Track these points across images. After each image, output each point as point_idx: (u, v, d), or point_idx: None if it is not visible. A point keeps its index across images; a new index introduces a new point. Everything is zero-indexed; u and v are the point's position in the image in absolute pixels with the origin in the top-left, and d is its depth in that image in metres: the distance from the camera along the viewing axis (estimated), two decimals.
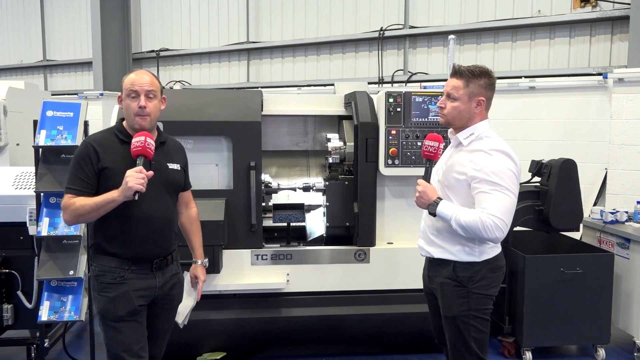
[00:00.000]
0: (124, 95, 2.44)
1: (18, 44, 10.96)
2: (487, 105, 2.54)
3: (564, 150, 5.46)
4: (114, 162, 2.39)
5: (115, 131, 2.49)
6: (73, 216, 2.38)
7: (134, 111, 2.40)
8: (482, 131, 2.51)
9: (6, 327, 3.72)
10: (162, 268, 2.52)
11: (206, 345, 3.68)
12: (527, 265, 3.74)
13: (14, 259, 3.72)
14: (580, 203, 3.92)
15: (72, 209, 2.35)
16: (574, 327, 3.83)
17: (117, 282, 2.41)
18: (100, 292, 2.44)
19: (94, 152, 2.38)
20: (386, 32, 7.21)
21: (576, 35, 6.01)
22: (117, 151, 2.42)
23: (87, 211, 2.33)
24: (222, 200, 3.54)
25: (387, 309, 3.73)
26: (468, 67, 2.50)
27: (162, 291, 2.53)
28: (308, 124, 4.49)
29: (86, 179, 2.37)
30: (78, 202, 2.34)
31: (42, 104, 3.41)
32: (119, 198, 2.30)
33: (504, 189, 2.37)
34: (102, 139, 2.45)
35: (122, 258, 2.43)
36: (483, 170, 2.39)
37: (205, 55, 8.86)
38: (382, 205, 3.78)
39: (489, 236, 2.36)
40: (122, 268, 2.43)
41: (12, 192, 3.69)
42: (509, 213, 2.39)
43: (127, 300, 2.42)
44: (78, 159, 2.40)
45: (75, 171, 2.38)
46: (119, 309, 2.41)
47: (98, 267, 2.45)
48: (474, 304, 2.51)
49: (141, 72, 2.46)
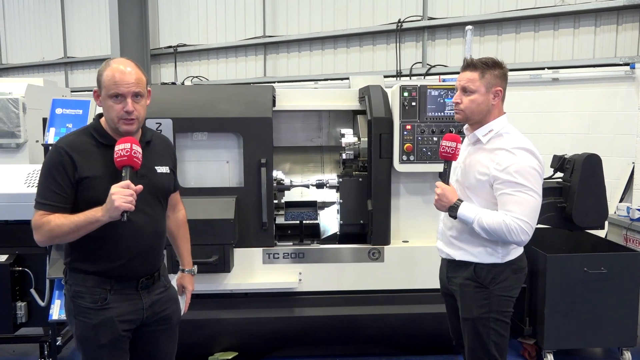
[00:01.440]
0: (104, 93, 2.05)
1: (40, 42, 11.10)
2: (503, 97, 2.44)
3: (589, 144, 5.27)
4: (93, 170, 2.05)
5: (92, 132, 2.12)
6: (47, 237, 2.02)
7: (118, 115, 2.04)
8: (501, 127, 2.42)
9: (20, 324, 3.73)
10: (148, 287, 2.20)
11: (218, 345, 3.64)
12: (549, 265, 3.61)
13: (27, 257, 3.73)
14: (605, 200, 3.76)
15: (47, 229, 1.98)
16: (598, 329, 3.68)
17: (97, 307, 2.08)
18: (78, 316, 2.10)
19: (69, 159, 2.01)
20: (404, 23, 7.06)
21: (602, 24, 5.80)
22: (96, 157, 2.07)
23: (65, 232, 1.98)
24: (233, 198, 3.48)
25: (402, 309, 3.64)
26: (479, 59, 2.43)
27: (151, 312, 2.20)
28: (322, 119, 4.42)
29: (60, 191, 2.00)
30: (53, 221, 1.97)
31: (52, 101, 3.39)
32: (103, 218, 1.96)
33: (528, 189, 2.29)
34: (77, 142, 2.07)
35: (104, 277, 2.09)
36: (506, 171, 2.30)
37: (222, 50, 8.84)
38: (397, 203, 3.68)
39: (514, 239, 2.30)
40: (103, 288, 2.09)
41: (24, 190, 3.69)
42: (534, 215, 2.31)
43: (110, 328, 2.09)
44: (50, 168, 2.02)
45: (47, 182, 2.01)
46: (100, 337, 2.08)
47: (74, 288, 2.10)
48: (495, 306, 2.43)
49: (124, 65, 2.06)
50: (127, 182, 1.98)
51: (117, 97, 2.03)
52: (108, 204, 1.95)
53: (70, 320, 2.19)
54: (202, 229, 3.31)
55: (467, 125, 2.51)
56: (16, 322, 3.69)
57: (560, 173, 3.95)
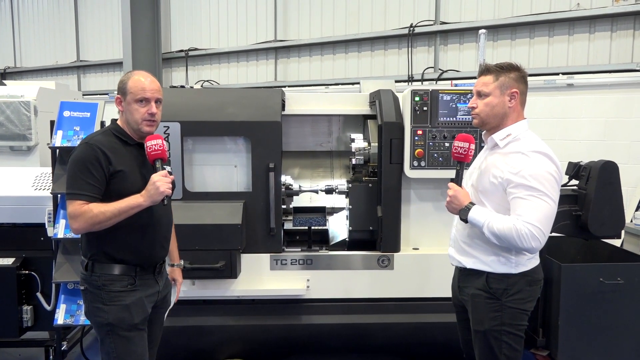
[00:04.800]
0: (129, 98, 2.34)
1: (53, 46, 11.20)
2: (521, 101, 2.37)
3: (605, 151, 5.17)
4: (124, 164, 2.31)
5: (114, 133, 2.39)
6: (89, 224, 2.21)
7: (142, 117, 2.34)
8: (520, 132, 2.34)
9: (26, 328, 3.72)
10: (161, 272, 2.51)
11: (224, 352, 3.58)
12: (563, 275, 3.51)
13: (34, 260, 3.72)
14: (621, 208, 3.66)
15: (89, 216, 2.19)
16: (615, 341, 3.58)
17: (129, 289, 2.32)
18: (108, 303, 2.31)
19: (103, 154, 2.26)
20: (416, 28, 7.00)
21: (618, 29, 5.69)
22: (123, 153, 2.34)
23: (108, 218, 2.20)
24: (241, 203, 3.43)
25: (412, 317, 3.56)
26: (496, 64, 2.37)
27: (161, 295, 2.50)
28: (332, 123, 4.36)
29: (96, 183, 2.24)
30: (96, 208, 2.20)
31: (60, 104, 3.37)
32: (145, 203, 2.23)
33: (543, 194, 2.20)
34: (105, 141, 2.33)
35: (130, 264, 2.34)
36: (520, 174, 2.22)
37: (233, 54, 8.84)
38: (407, 209, 3.61)
39: (525, 246, 2.20)
40: (130, 275, 2.34)
41: (31, 193, 3.68)
42: (547, 221, 2.21)
43: (141, 307, 2.35)
44: (85, 163, 2.24)
45: (83, 175, 2.23)
46: (135, 316, 2.32)
47: (103, 277, 2.32)
48: (507, 318, 2.35)
49: (148, 77, 2.39)
50: (165, 171, 2.29)
51: (142, 101, 2.33)
52: (151, 190, 2.23)
53: (94, 313, 2.32)
54: (209, 234, 3.28)
55: (485, 131, 2.45)
56: (22, 326, 3.69)
57: (575, 180, 3.86)
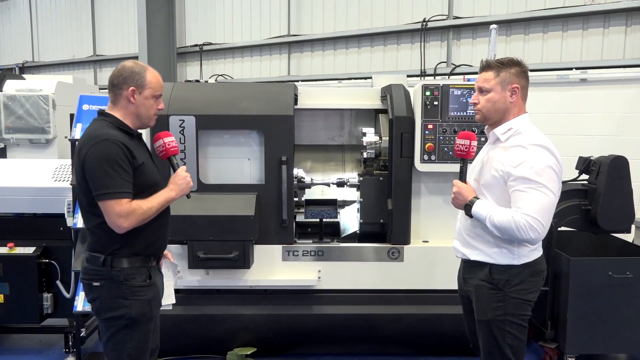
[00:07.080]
0: (148, 93, 2.31)
1: (70, 40, 11.36)
2: (523, 95, 2.40)
3: (617, 146, 5.13)
4: (142, 157, 2.31)
5: (119, 126, 2.30)
6: (139, 221, 2.21)
7: (154, 112, 2.39)
8: (521, 125, 2.38)
9: (46, 315, 3.83)
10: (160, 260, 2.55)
11: (237, 340, 3.67)
12: (572, 268, 3.53)
13: (54, 249, 3.83)
14: (631, 203, 3.67)
15: (139, 213, 2.20)
16: (623, 334, 3.59)
17: (147, 284, 2.33)
18: (131, 297, 2.28)
19: (128, 150, 2.22)
20: (429, 23, 7.00)
21: (633, 24, 5.63)
22: (135, 146, 2.31)
23: (153, 214, 2.26)
24: (254, 195, 3.51)
25: (421, 309, 3.62)
26: (496, 59, 2.42)
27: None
28: (344, 117, 4.42)
29: (130, 179, 2.21)
30: (144, 205, 2.22)
31: (79, 97, 3.47)
32: (176, 196, 2.34)
33: (542, 186, 2.23)
34: (119, 135, 2.26)
35: (147, 256, 2.36)
36: (520, 167, 2.26)
37: (247, 48, 8.91)
38: (417, 202, 3.66)
39: (524, 237, 2.24)
40: (146, 266, 2.35)
41: (51, 184, 3.79)
42: (546, 213, 2.24)
43: (157, 300, 2.42)
44: (117, 160, 2.18)
45: (118, 173, 2.17)
46: (153, 309, 2.37)
47: (125, 271, 2.28)
48: (510, 308, 2.39)
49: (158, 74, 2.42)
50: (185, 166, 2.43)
51: (158, 97, 2.37)
52: (182, 184, 2.35)
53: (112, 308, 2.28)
54: (223, 225, 3.36)
55: (487, 125, 2.49)
56: (42, 313, 3.80)
57: (585, 175, 3.87)
